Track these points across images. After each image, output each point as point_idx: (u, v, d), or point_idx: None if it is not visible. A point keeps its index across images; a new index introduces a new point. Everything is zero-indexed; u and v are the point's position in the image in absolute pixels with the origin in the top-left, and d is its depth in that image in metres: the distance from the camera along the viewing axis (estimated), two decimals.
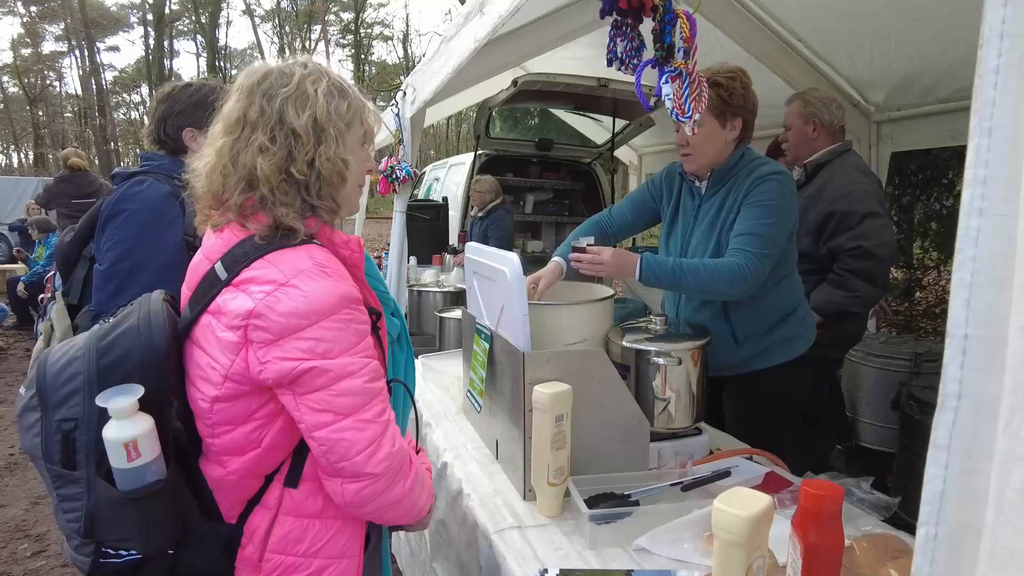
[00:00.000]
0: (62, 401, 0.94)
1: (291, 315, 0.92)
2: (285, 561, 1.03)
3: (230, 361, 0.95)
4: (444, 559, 1.57)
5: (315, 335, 0.93)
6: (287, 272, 0.94)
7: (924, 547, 0.43)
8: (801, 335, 1.95)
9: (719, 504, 0.87)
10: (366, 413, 0.96)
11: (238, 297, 0.95)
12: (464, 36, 1.96)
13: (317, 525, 1.04)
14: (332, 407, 0.94)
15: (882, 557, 1.11)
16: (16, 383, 5.57)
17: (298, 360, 0.92)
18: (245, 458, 1.01)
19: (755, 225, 1.71)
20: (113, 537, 0.96)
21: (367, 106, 1.09)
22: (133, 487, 0.92)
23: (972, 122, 0.40)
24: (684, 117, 0.94)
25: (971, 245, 0.40)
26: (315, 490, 1.04)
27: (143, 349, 0.95)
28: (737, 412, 2.00)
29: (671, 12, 0.92)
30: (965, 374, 0.41)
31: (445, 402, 2.10)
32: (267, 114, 0.99)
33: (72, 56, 31.19)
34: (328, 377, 0.93)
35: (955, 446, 0.42)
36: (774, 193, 1.73)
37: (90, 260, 1.57)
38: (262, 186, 0.98)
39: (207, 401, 0.98)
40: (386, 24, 34.88)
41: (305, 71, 1.03)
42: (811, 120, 2.51)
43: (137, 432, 0.91)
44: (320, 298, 0.93)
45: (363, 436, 0.95)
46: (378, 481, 0.97)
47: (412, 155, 2.98)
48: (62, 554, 2.81)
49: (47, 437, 0.95)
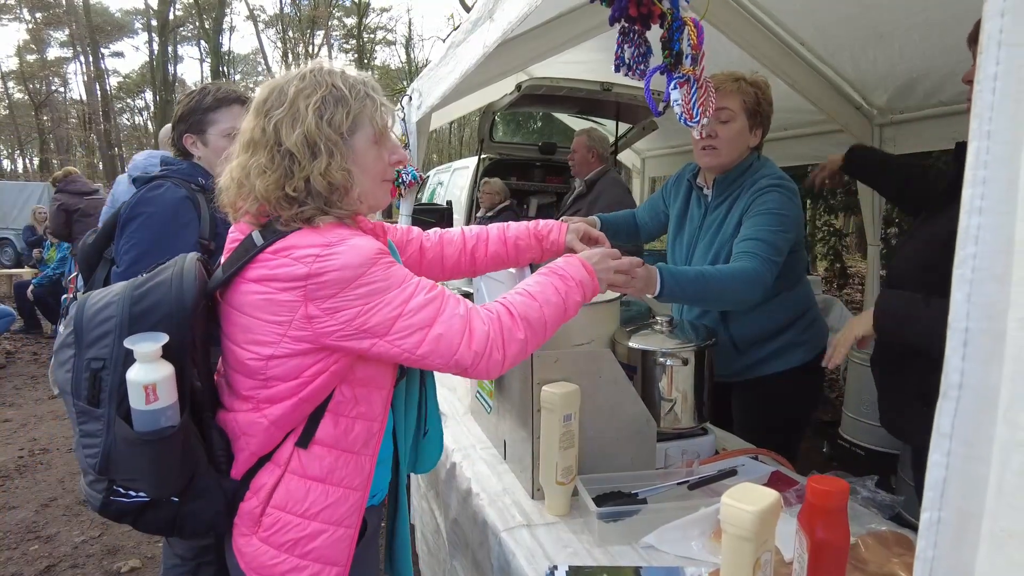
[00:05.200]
0: (94, 341, 1.03)
1: (344, 268, 1.00)
2: (284, 518, 1.09)
3: (290, 319, 1.03)
4: (462, 556, 1.59)
5: (369, 280, 1.02)
6: (328, 237, 1.03)
7: (928, 531, 0.45)
8: (806, 342, 1.94)
9: (728, 499, 0.89)
10: (443, 314, 1.07)
11: (287, 263, 1.02)
12: (472, 42, 1.99)
13: (319, 489, 1.10)
14: (415, 325, 1.05)
15: (888, 554, 1.12)
16: (24, 387, 5.61)
17: (361, 304, 1.02)
18: (283, 405, 1.08)
19: (762, 232, 1.71)
20: (125, 476, 1.04)
21: (377, 104, 1.12)
22: (148, 429, 1.00)
23: (972, 126, 0.42)
24: (692, 122, 0.97)
25: (972, 242, 0.42)
26: (323, 454, 1.10)
27: (173, 302, 1.04)
28: (744, 417, 2.01)
29: (679, 19, 0.94)
30: (967, 365, 0.43)
31: (453, 403, 2.12)
32: (267, 134, 1.07)
33: (77, 62, 31.34)
34: (395, 306, 1.04)
35: (957, 434, 0.44)
36: (778, 202, 1.75)
37: (110, 261, 1.61)
38: (266, 203, 1.07)
39: (261, 359, 1.06)
40: (389, 29, 35.02)
41: (302, 84, 1.08)
42: (592, 150, 3.72)
43: (157, 377, 0.99)
44: (364, 251, 1.02)
45: (454, 329, 1.06)
46: (492, 352, 1.09)
47: (418, 159, 3.01)
48: (71, 555, 2.85)
49: (77, 374, 1.03)
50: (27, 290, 7.32)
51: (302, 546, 1.09)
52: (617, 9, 1.00)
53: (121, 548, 2.94)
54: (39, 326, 7.61)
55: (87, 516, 3.25)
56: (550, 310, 1.17)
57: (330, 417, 1.11)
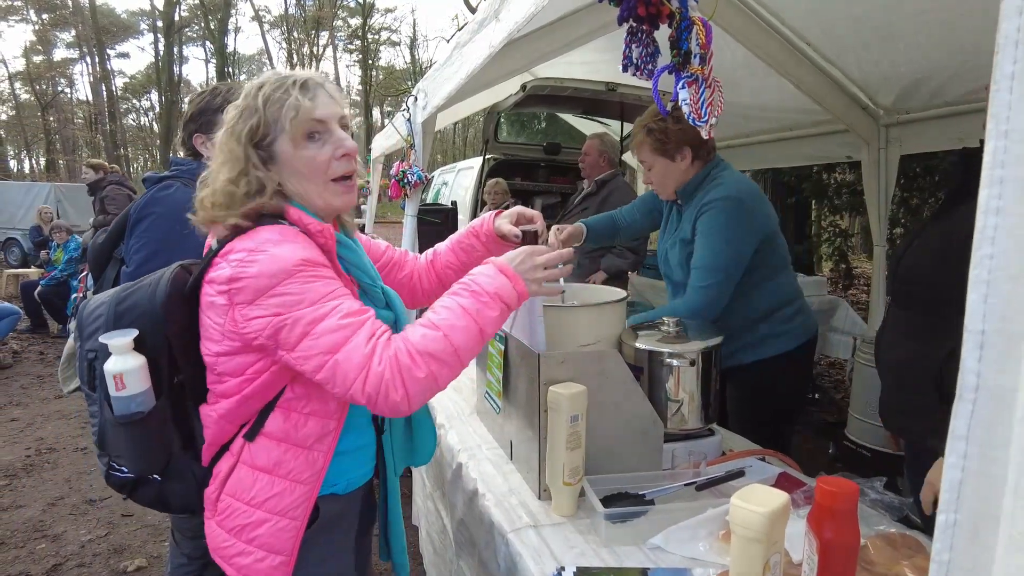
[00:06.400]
0: (90, 335, 1.18)
1: (259, 276, 1.02)
2: (233, 504, 1.15)
3: (224, 321, 1.08)
4: (468, 556, 1.59)
5: (285, 291, 1.03)
6: (257, 241, 1.06)
7: (944, 534, 0.45)
8: (787, 332, 2.04)
9: (737, 500, 0.89)
10: (348, 344, 1.03)
11: (220, 265, 1.07)
12: (478, 42, 1.98)
13: (265, 479, 1.14)
14: (318, 348, 1.03)
15: (896, 555, 1.12)
16: (30, 386, 5.63)
17: (273, 315, 1.03)
18: (229, 402, 1.14)
19: (699, 258, 1.93)
20: (113, 453, 1.20)
21: (299, 105, 1.10)
22: (120, 413, 1.14)
23: (988, 125, 0.42)
24: (700, 121, 0.97)
25: (988, 243, 0.42)
26: (270, 447, 1.14)
27: (147, 302, 1.16)
28: (732, 405, 2.12)
29: (687, 19, 0.94)
30: (983, 367, 0.43)
31: (458, 403, 2.12)
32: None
33: (83, 63, 31.53)
34: (304, 324, 1.03)
35: (973, 436, 0.43)
36: (714, 222, 1.90)
37: (120, 261, 1.62)
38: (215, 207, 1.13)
39: (212, 356, 1.13)
40: (393, 29, 35.08)
41: (237, 94, 1.17)
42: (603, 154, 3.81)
43: (124, 367, 1.12)
44: (283, 260, 1.03)
45: (353, 363, 1.02)
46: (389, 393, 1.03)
47: (424, 160, 3.01)
48: (77, 554, 2.86)
49: (80, 362, 1.21)
50: (34, 290, 7.36)
51: (247, 532, 1.14)
52: (625, 9, 1.00)
53: (127, 547, 2.95)
54: (45, 326, 7.65)
55: (94, 515, 3.27)
56: (459, 336, 1.07)
57: (280, 412, 1.14)
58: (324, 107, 1.13)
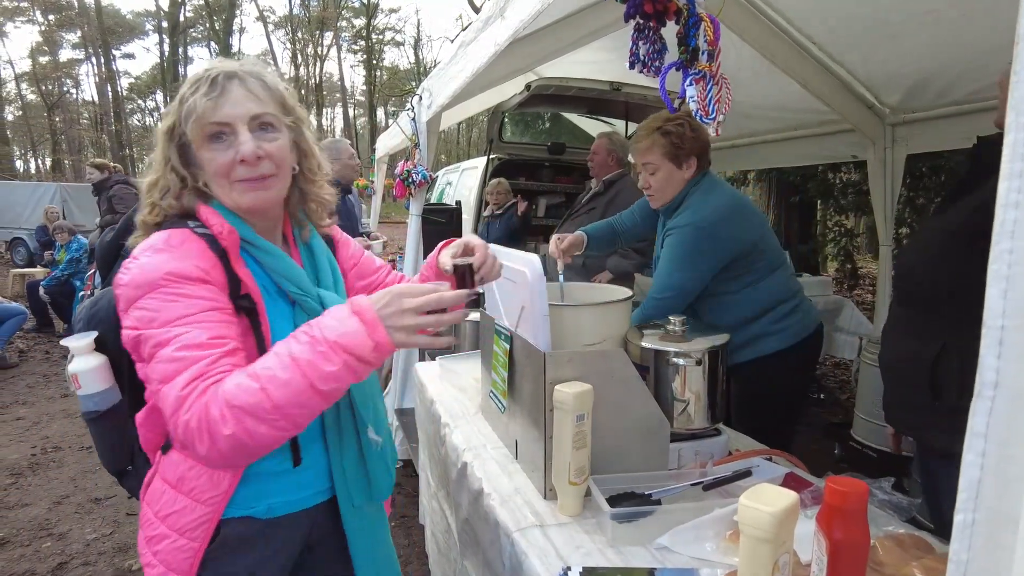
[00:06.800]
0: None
1: (128, 286, 1.00)
2: (147, 514, 1.15)
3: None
4: (473, 556, 1.59)
5: (144, 305, 0.98)
6: (143, 246, 1.04)
7: (962, 534, 0.44)
8: (782, 330, 2.09)
9: (745, 500, 0.88)
10: (171, 382, 0.94)
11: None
12: (483, 41, 1.98)
13: (170, 493, 1.12)
14: (156, 373, 0.96)
15: (906, 556, 1.11)
16: (36, 385, 5.65)
17: (131, 329, 1.00)
18: (145, 409, 1.15)
19: (657, 273, 2.09)
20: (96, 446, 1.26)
21: (193, 105, 1.05)
22: (84, 411, 1.20)
23: (1008, 118, 0.41)
24: (708, 119, 0.96)
25: (1007, 237, 0.41)
26: (178, 461, 1.12)
27: (108, 304, 1.19)
28: (733, 403, 2.17)
29: (695, 16, 0.94)
30: (1002, 364, 0.42)
31: (463, 403, 2.11)
32: None
33: (89, 63, 31.67)
34: (151, 346, 0.97)
35: (992, 434, 0.43)
36: (674, 248, 2.02)
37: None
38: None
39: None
40: (397, 30, 35.15)
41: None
42: (612, 153, 3.72)
43: (79, 368, 1.16)
44: (148, 271, 0.99)
45: (168, 402, 0.93)
46: (196, 444, 0.92)
47: (428, 159, 3.00)
48: (83, 552, 2.87)
49: None
50: (39, 290, 7.39)
51: (154, 544, 1.12)
52: (632, 5, 0.99)
53: (132, 546, 2.95)
54: (51, 325, 7.68)
55: (99, 514, 3.28)
56: (279, 392, 0.90)
57: None
58: (231, 107, 1.05)
